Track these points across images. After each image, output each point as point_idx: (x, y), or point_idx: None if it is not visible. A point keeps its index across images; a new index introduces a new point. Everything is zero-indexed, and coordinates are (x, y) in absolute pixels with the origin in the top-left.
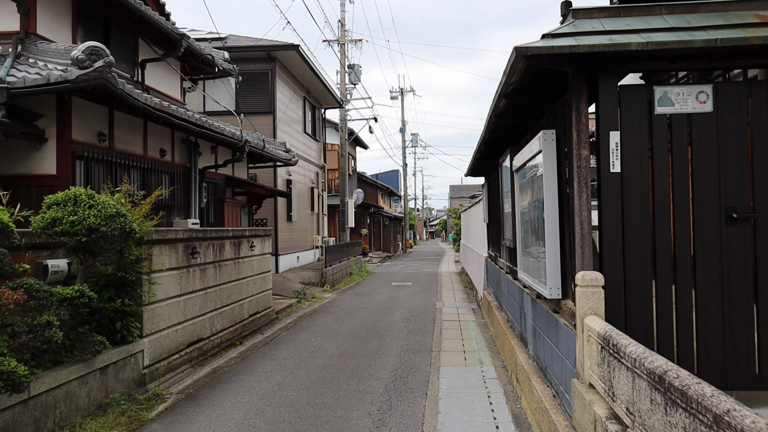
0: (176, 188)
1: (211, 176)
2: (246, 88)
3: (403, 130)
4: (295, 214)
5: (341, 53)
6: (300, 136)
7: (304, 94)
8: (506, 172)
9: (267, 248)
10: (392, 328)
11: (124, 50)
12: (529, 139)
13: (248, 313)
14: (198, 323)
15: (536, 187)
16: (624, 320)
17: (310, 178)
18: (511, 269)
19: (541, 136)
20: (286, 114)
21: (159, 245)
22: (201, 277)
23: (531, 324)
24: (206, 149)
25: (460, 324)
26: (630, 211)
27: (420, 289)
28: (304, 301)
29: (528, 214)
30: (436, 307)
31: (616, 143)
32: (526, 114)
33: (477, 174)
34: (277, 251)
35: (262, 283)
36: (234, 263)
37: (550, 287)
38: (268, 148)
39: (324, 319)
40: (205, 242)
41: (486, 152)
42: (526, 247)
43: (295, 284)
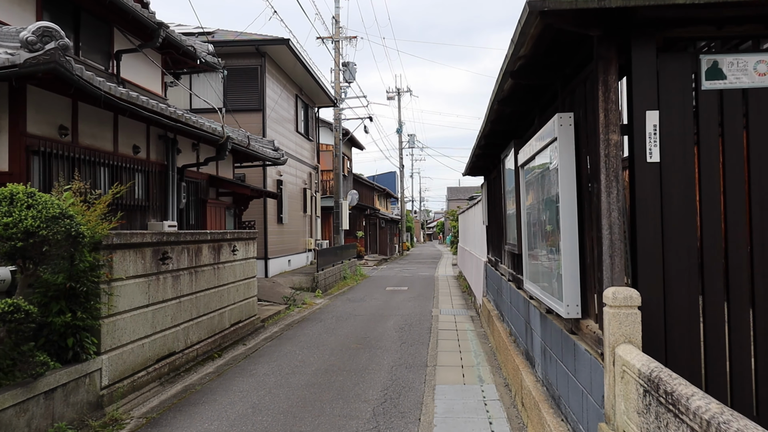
0: (152, 188)
1: (192, 175)
2: (234, 85)
3: (400, 131)
4: (286, 216)
5: (335, 50)
6: (292, 135)
7: (296, 92)
8: (509, 168)
9: (251, 252)
10: (385, 339)
11: (97, 40)
12: (538, 128)
13: (230, 322)
14: (170, 335)
15: (548, 183)
16: (664, 348)
17: (303, 179)
18: (514, 277)
19: (555, 120)
20: (277, 112)
21: (122, 250)
22: (174, 284)
23: (539, 342)
24: (186, 146)
25: (458, 334)
26: (670, 210)
27: (416, 295)
28: (293, 307)
29: (537, 216)
30: (432, 314)
31: (654, 126)
32: (533, 100)
33: (476, 173)
34: (267, 255)
35: (245, 290)
36: (213, 269)
37: (567, 304)
38: (254, 146)
39: (312, 328)
40: (179, 246)
41: (486, 147)
42: (534, 253)
43: (285, 289)
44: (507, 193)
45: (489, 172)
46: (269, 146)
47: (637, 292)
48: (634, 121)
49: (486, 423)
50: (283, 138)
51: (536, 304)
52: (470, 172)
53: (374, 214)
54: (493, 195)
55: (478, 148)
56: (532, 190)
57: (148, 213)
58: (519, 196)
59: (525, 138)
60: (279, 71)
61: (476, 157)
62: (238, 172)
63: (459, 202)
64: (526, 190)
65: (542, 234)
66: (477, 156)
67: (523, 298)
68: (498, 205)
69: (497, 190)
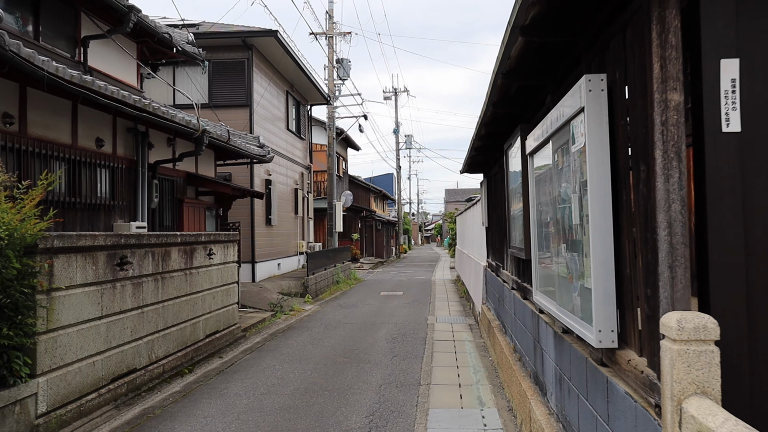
0: (119, 185)
1: (166, 173)
2: (220, 80)
3: (397, 132)
4: (276, 218)
5: (329, 47)
6: (282, 134)
7: (287, 88)
8: (515, 160)
9: (231, 256)
10: (375, 351)
11: (61, 24)
12: (552, 105)
13: (205, 332)
14: (129, 351)
15: (569, 171)
16: (749, 401)
17: (294, 179)
18: (519, 286)
19: (582, 86)
20: (266, 109)
21: (66, 255)
22: (135, 293)
23: (553, 367)
24: (160, 141)
25: (455, 345)
26: (757, 200)
27: (411, 300)
28: (280, 314)
29: (552, 214)
30: (427, 322)
31: (733, 82)
32: (546, 72)
33: (474, 169)
34: (254, 258)
35: (224, 297)
36: (184, 275)
37: (599, 329)
38: (236, 142)
39: (298, 338)
40: (141, 250)
41: (487, 137)
42: (547, 260)
43: (273, 295)
44: (512, 189)
45: (489, 168)
46: (254, 142)
47: (713, 321)
48: (703, 75)
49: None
50: (272, 136)
51: (548, 320)
52: (468, 169)
53: (370, 216)
54: (495, 193)
55: (477, 140)
56: (545, 183)
57: (113, 213)
58: (527, 191)
59: (534, 121)
60: (268, 66)
61: (475, 150)
62: (223, 171)
63: (457, 204)
64: (537, 183)
65: (559, 236)
66: (476, 149)
67: (530, 311)
68: (500, 205)
69: (499, 188)
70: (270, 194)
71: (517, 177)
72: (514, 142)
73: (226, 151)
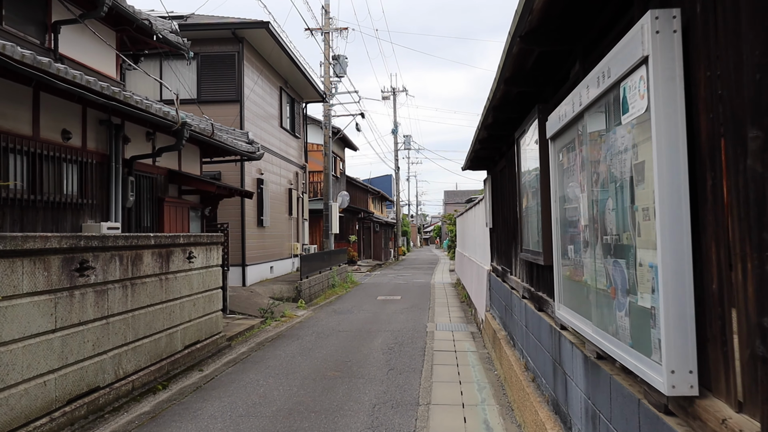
0: (89, 182)
1: (145, 169)
2: (209, 74)
3: (396, 132)
4: (268, 219)
5: (325, 43)
6: (275, 131)
7: (281, 84)
8: (529, 149)
9: (215, 259)
10: (369, 363)
11: (29, 8)
12: (581, 75)
13: (183, 343)
14: (90, 367)
15: (614, 150)
16: None
17: (288, 179)
18: (533, 295)
19: (646, 25)
20: (258, 105)
21: (7, 259)
22: (98, 302)
23: (581, 399)
24: (138, 135)
25: (457, 356)
26: None
27: (409, 305)
28: (270, 321)
29: (584, 209)
30: (427, 329)
31: None
32: (577, 34)
33: (478, 166)
34: (245, 261)
35: (206, 304)
36: (159, 280)
37: (672, 368)
38: (221, 137)
39: (287, 348)
40: (106, 253)
41: (494, 126)
42: (577, 266)
43: (264, 300)
44: (524, 184)
45: (494, 165)
46: (242, 138)
47: None
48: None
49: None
50: (264, 133)
51: (574, 340)
52: (471, 165)
53: (368, 218)
54: (501, 191)
55: (482, 129)
56: (572, 172)
57: (82, 212)
58: (547, 184)
59: (556, 100)
60: (260, 61)
61: (480, 143)
62: (211, 170)
63: (456, 206)
64: (562, 173)
65: (596, 237)
66: (481, 141)
67: (548, 327)
68: (508, 203)
69: (507, 185)
70: (262, 194)
71: (533, 168)
72: (528, 127)
73: (212, 147)
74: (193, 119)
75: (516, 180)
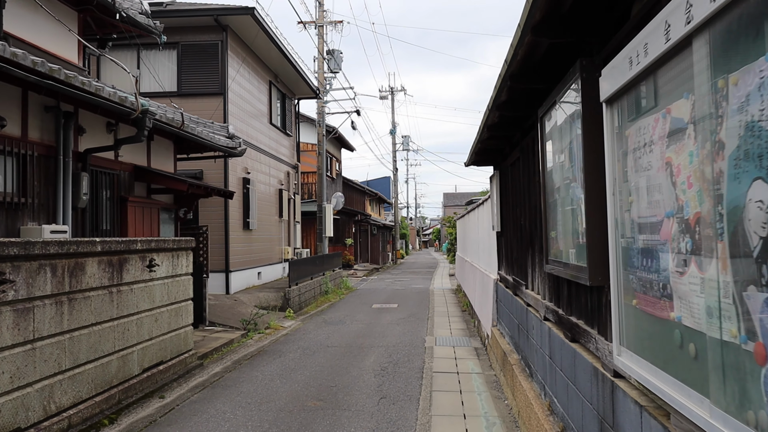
0: (31, 178)
1: (104, 164)
2: (190, 64)
3: (394, 132)
4: (255, 221)
5: (319, 37)
6: (264, 128)
7: (271, 78)
8: (561, 127)
9: (183, 267)
10: (358, 389)
11: None
12: None
13: (141, 366)
14: (7, 405)
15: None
16: None
17: (278, 179)
18: (562, 320)
19: None
20: (245, 99)
21: None
22: (18, 323)
23: None
24: (96, 126)
25: (460, 380)
26: None
27: (407, 315)
28: (253, 333)
29: (678, 202)
30: (425, 344)
31: None
32: None
33: (483, 160)
34: (228, 267)
35: (172, 318)
36: (108, 294)
37: None
38: (195, 129)
39: (266, 368)
40: (32, 263)
41: (508, 106)
42: (660, 293)
43: (249, 309)
44: (552, 174)
45: (503, 158)
46: (221, 132)
47: None
48: None
49: None
50: (252, 129)
51: (644, 401)
52: (476, 159)
53: (365, 220)
54: (513, 188)
55: (494, 110)
56: (654, 145)
57: (21, 213)
58: (599, 168)
59: (610, 50)
60: (247, 52)
61: (488, 129)
62: (192, 167)
63: (456, 208)
64: (626, 151)
65: (711, 248)
66: (490, 127)
67: (589, 367)
68: (522, 202)
69: (521, 179)
70: (248, 194)
71: (565, 153)
72: (560, 98)
73: (187, 142)
74: (166, 110)
75: (537, 172)
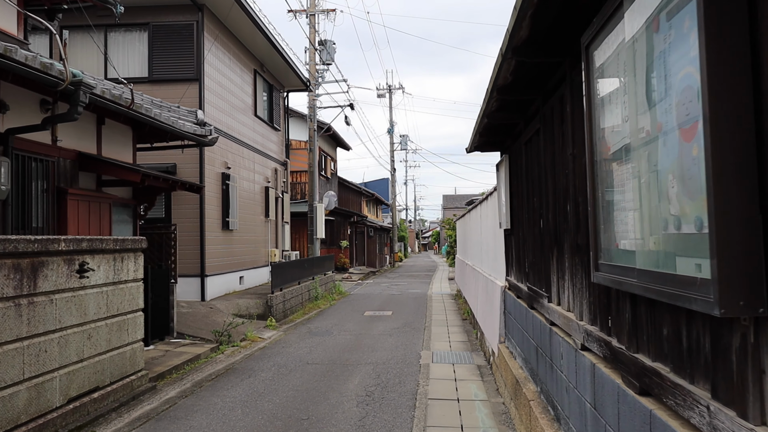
0: None
1: (36, 150)
2: (162, 47)
3: (391, 131)
4: (237, 221)
5: (310, 26)
6: (248, 120)
7: (256, 67)
8: (635, 42)
9: (131, 271)
10: (334, 424)
11: None
12: None
13: (66, 395)
14: None
15: None
16: None
17: (265, 176)
18: (623, 360)
19: None
20: (225, 87)
21: None
22: None
23: None
24: (25, 103)
25: (461, 409)
26: None
27: (401, 324)
28: (225, 347)
29: None
30: (420, 361)
31: None
32: None
33: (488, 144)
34: (204, 271)
35: (114, 335)
36: (14, 307)
37: None
38: (151, 110)
39: (230, 392)
40: None
41: (531, 49)
42: None
43: (226, 317)
44: (605, 130)
45: (514, 138)
46: (188, 118)
47: None
48: None
49: None
50: (233, 120)
51: None
52: (480, 143)
53: (362, 222)
54: (530, 171)
55: (509, 55)
56: None
57: None
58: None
59: None
60: (227, 35)
61: (499, 93)
62: (164, 161)
63: (455, 210)
64: None
65: None
66: (501, 90)
67: None
68: (543, 187)
69: (543, 158)
70: (228, 191)
71: (647, 82)
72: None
73: (149, 128)
74: (115, 88)
75: (572, 142)
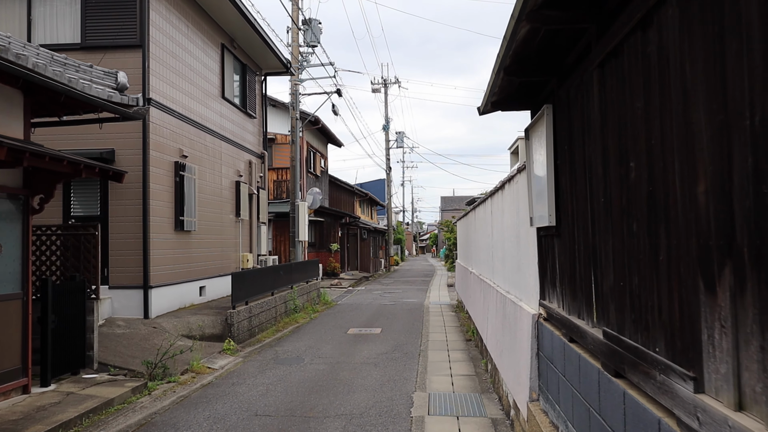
0: None
1: None
2: (98, 7)
3: (387, 128)
4: (195, 220)
5: (292, 2)
6: (213, 102)
7: (224, 41)
8: None
9: None
10: None
11: None
12: None
13: None
14: None
15: None
16: None
17: (236, 169)
18: None
19: None
20: (180, 59)
21: None
22: None
23: None
24: None
25: None
26: None
27: (391, 347)
28: (156, 383)
29: None
30: (411, 410)
31: None
32: None
33: (514, 97)
34: (148, 281)
35: None
36: None
37: None
38: (36, 64)
39: None
40: None
41: None
42: None
43: (172, 340)
44: None
45: (562, 78)
46: (104, 80)
47: None
48: None
49: None
50: (191, 101)
51: None
52: (503, 87)
53: (354, 223)
54: (614, 119)
55: None
56: None
57: None
58: None
59: None
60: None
61: None
62: (99, 146)
63: (454, 212)
64: None
65: None
66: None
67: None
68: (663, 145)
69: (647, 89)
70: (183, 184)
71: None
72: None
73: (50, 94)
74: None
75: None
